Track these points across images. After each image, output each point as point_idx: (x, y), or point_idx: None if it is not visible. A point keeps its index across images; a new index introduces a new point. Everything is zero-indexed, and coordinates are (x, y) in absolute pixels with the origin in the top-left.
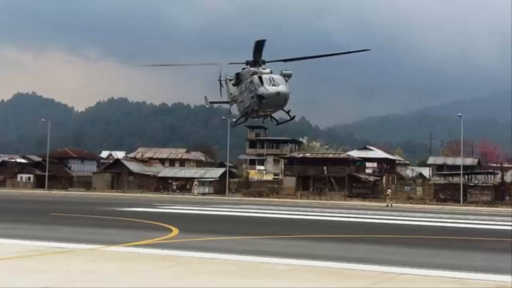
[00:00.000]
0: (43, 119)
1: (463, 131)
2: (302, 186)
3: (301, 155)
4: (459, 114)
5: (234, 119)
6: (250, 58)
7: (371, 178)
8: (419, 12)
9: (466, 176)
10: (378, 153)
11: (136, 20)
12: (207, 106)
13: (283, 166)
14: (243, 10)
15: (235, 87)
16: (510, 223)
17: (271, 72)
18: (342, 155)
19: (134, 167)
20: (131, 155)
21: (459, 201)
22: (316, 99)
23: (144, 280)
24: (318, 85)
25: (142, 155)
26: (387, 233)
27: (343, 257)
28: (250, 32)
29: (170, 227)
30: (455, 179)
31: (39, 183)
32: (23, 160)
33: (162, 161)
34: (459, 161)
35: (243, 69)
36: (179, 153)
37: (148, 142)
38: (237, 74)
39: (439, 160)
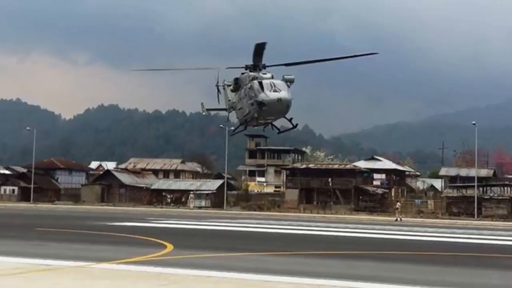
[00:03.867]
0: (28, 127)
1: (477, 140)
2: (305, 199)
3: (304, 166)
4: (473, 122)
5: (232, 128)
6: (250, 62)
7: (379, 191)
8: (429, 12)
9: (481, 189)
10: (387, 164)
11: (128, 21)
12: (203, 113)
13: (285, 178)
14: (242, 10)
15: (233, 93)
16: None
17: (272, 77)
18: (348, 166)
19: (125, 178)
20: (122, 165)
21: (473, 215)
22: (320, 106)
23: None
24: (322, 91)
25: (134, 166)
26: (396, 250)
27: (348, 275)
28: (249, 34)
29: (164, 243)
30: (469, 192)
31: (24, 196)
32: (7, 171)
33: (155, 172)
34: (473, 172)
35: (242, 74)
36: (174, 163)
37: (140, 152)
38: (236, 80)
39: (452, 171)
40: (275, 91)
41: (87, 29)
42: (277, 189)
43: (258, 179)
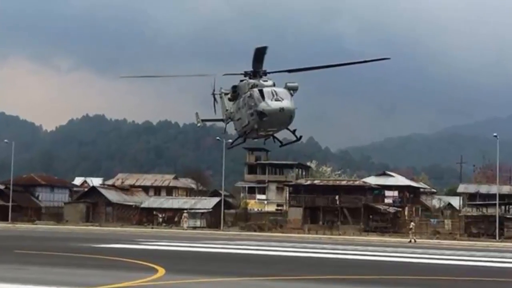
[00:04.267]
0: (6, 140)
1: (499, 154)
2: (310, 218)
3: (309, 182)
4: (495, 134)
5: (230, 140)
6: (249, 68)
7: (391, 209)
8: (446, 13)
9: (503, 207)
10: (399, 180)
11: (116, 23)
12: (198, 124)
13: (287, 195)
14: (241, 11)
15: (231, 103)
16: None
17: (274, 85)
18: (357, 182)
19: (112, 196)
20: (109, 182)
21: (494, 236)
22: (326, 116)
23: None
24: (328, 100)
25: (122, 182)
26: (410, 274)
27: None
28: (249, 37)
29: (156, 266)
30: (490, 211)
31: (1, 215)
32: None
33: (145, 189)
34: (494, 189)
35: (241, 81)
36: (166, 179)
37: (129, 167)
38: (234, 87)
39: (471, 188)
40: (277, 100)
41: (71, 32)
42: (279, 208)
43: (258, 196)
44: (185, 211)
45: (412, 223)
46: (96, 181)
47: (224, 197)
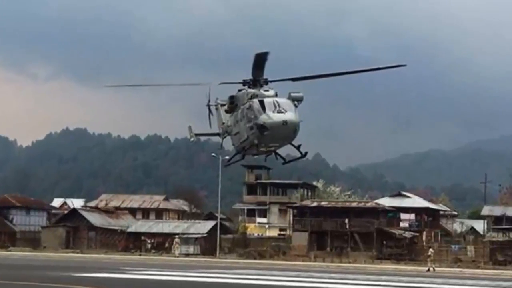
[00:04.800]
0: None
1: None
2: (317, 244)
3: (315, 204)
4: None
5: (227, 157)
6: (248, 76)
7: (407, 234)
8: (470, 15)
9: None
10: (417, 201)
11: (100, 26)
12: (191, 139)
13: (291, 219)
14: (240, 12)
15: (228, 115)
16: None
17: (276, 95)
18: (369, 204)
19: (96, 219)
20: (92, 203)
21: None
22: (334, 130)
23: None
24: (337, 112)
25: (106, 204)
26: None
27: None
28: (248, 42)
29: None
30: None
31: None
32: None
33: (132, 211)
34: None
35: (239, 90)
36: (155, 201)
37: (114, 187)
38: (231, 98)
39: (497, 211)
40: (279, 111)
41: (49, 36)
42: (282, 233)
43: (258, 220)
44: (177, 236)
45: (430, 250)
46: (77, 203)
47: (221, 220)
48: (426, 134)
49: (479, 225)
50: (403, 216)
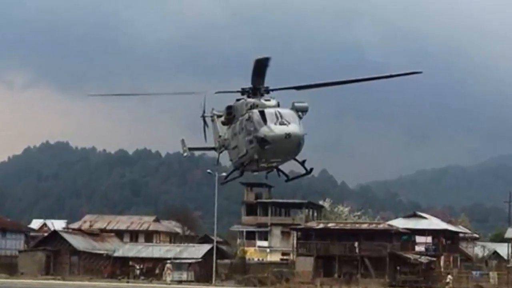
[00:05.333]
0: None
1: None
2: (324, 270)
3: (321, 226)
4: None
5: (224, 174)
6: (248, 84)
7: (424, 259)
8: (492, 17)
9: None
10: (434, 223)
11: (83, 29)
12: (185, 154)
13: (295, 242)
14: (238, 14)
15: (225, 127)
16: None
17: (278, 105)
18: (381, 226)
19: (79, 242)
20: (75, 225)
21: None
22: (343, 144)
23: None
24: (346, 124)
25: (90, 226)
26: None
27: None
28: (247, 46)
29: None
30: None
31: None
32: None
33: (119, 234)
34: None
35: (238, 100)
36: (145, 222)
37: (99, 207)
38: (229, 108)
39: None
40: (282, 123)
41: (28, 40)
42: (285, 257)
43: (259, 243)
44: (169, 261)
45: (449, 276)
46: (58, 224)
47: (217, 244)
48: (444, 148)
49: (503, 249)
50: (418, 239)
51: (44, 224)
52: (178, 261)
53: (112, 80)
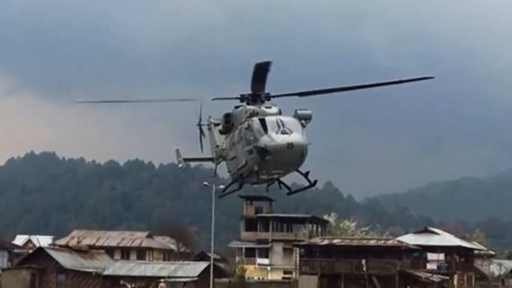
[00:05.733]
0: None
1: None
2: None
3: (326, 242)
4: None
5: (222, 186)
6: (247, 90)
7: (436, 278)
8: (508, 19)
9: None
10: (446, 239)
11: (71, 32)
12: (179, 165)
13: (298, 259)
14: (236, 15)
15: (223, 136)
16: None
17: (280, 113)
18: (390, 242)
19: (66, 260)
20: (62, 241)
21: None
22: (349, 154)
23: None
24: (352, 132)
25: (78, 242)
26: None
27: None
28: (247, 49)
29: None
30: None
31: None
32: None
33: (109, 250)
34: None
35: (236, 107)
36: (137, 238)
37: (88, 222)
38: (227, 116)
39: None
40: (284, 132)
41: (11, 43)
42: (287, 276)
43: (259, 260)
44: (163, 280)
45: None
46: (44, 240)
47: (214, 261)
48: (458, 159)
49: None
50: (430, 256)
51: (29, 240)
52: (172, 280)
53: (102, 86)
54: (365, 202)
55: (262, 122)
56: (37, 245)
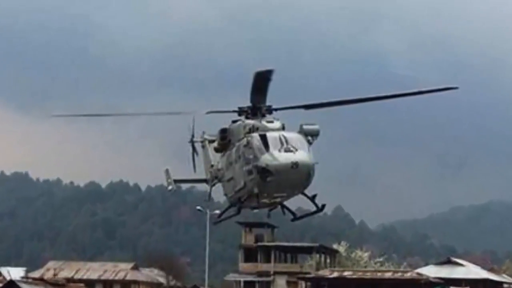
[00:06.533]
0: None
1: None
2: None
3: (336, 275)
4: None
5: (217, 211)
6: (246, 102)
7: None
8: None
9: None
10: (472, 271)
11: (46, 36)
12: (170, 187)
13: None
14: (234, 17)
15: (219, 154)
16: None
17: (283, 128)
18: (408, 275)
19: None
20: (36, 273)
21: None
22: (362, 175)
23: None
24: (365, 150)
25: (55, 274)
26: None
27: None
28: (245, 56)
29: None
30: None
31: None
32: None
33: (90, 284)
34: None
35: (234, 122)
36: (121, 270)
37: (65, 251)
38: (223, 132)
39: None
40: (287, 150)
41: None
42: None
43: None
44: None
45: None
46: (15, 272)
47: None
48: (485, 180)
49: None
50: None
51: None
52: None
53: (81, 97)
54: (379, 229)
55: (263, 138)
56: (8, 278)
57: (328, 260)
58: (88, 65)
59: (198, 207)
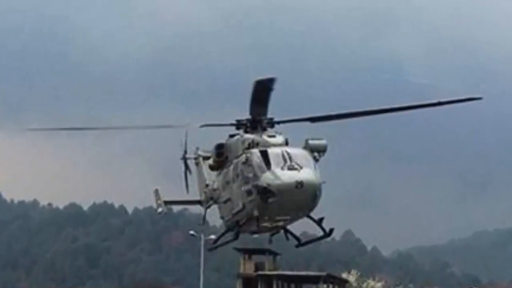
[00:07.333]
0: None
1: None
2: None
3: None
4: None
5: (213, 236)
6: (245, 114)
7: None
8: None
9: None
10: None
11: (21, 39)
12: (159, 209)
13: None
14: (232, 20)
15: (214, 172)
16: None
17: (286, 143)
18: None
19: None
20: None
21: None
22: (374, 195)
23: None
24: (378, 167)
25: None
26: None
27: None
28: (244, 62)
29: None
30: None
31: None
32: None
33: None
34: None
35: (231, 136)
36: None
37: (43, 281)
38: (220, 147)
39: None
40: (291, 168)
41: None
42: None
43: None
44: None
45: None
46: None
47: None
48: None
49: None
50: None
51: None
52: None
53: (61, 108)
54: (394, 256)
55: (264, 155)
56: None
57: None
58: (69, 73)
59: (191, 232)
